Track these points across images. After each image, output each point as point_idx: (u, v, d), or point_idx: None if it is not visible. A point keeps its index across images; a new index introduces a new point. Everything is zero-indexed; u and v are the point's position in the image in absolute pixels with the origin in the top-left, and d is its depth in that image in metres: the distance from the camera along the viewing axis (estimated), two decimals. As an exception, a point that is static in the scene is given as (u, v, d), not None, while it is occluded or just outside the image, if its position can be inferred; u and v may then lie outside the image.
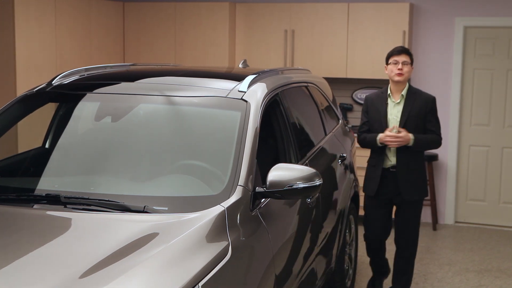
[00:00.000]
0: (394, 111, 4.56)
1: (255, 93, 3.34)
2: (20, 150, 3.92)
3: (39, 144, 3.89)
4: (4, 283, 2.18)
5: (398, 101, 4.55)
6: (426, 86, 6.87)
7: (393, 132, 4.42)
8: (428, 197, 6.97)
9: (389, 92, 4.58)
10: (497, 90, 6.79)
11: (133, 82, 3.63)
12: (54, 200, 2.79)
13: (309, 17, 6.86)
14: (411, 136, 4.44)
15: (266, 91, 3.44)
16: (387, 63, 4.57)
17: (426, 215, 7.04)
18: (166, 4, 7.17)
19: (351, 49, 6.78)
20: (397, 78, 4.49)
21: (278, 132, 3.64)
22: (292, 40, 6.93)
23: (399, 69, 4.48)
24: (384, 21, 6.65)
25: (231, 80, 3.55)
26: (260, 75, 3.59)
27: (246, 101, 3.25)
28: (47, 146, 3.83)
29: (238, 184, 2.85)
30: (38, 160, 3.58)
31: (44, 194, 2.84)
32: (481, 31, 6.76)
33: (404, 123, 4.49)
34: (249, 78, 3.42)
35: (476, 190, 6.98)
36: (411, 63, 4.53)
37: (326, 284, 4.34)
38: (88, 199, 2.77)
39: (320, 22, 6.83)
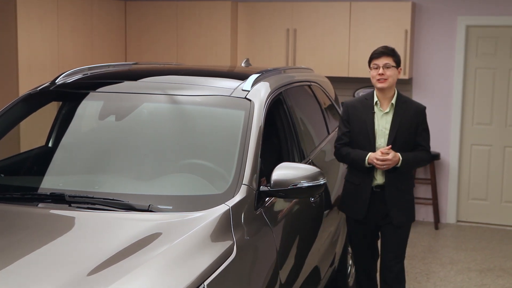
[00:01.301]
0: (382, 122, 3.91)
1: (259, 92, 3.34)
2: (23, 149, 3.92)
3: (42, 143, 3.89)
4: (11, 281, 2.18)
5: (387, 110, 3.91)
6: (428, 85, 6.87)
7: (390, 155, 3.80)
8: (430, 196, 6.97)
9: (376, 99, 3.93)
10: (499, 89, 6.78)
11: (136, 81, 3.63)
12: (58, 199, 2.80)
13: (311, 16, 6.86)
14: (399, 156, 3.82)
15: (269, 90, 3.44)
16: (370, 67, 3.93)
17: (428, 214, 7.05)
18: (168, 3, 7.16)
19: (353, 48, 6.77)
20: (379, 85, 3.85)
21: (282, 131, 3.64)
22: (294, 39, 6.92)
23: (380, 74, 3.83)
24: (386, 20, 6.64)
25: (234, 79, 3.54)
26: (264, 74, 3.59)
27: (250, 100, 3.25)
28: (50, 145, 3.83)
29: (243, 183, 2.85)
30: (42, 159, 3.58)
31: (48, 193, 2.85)
32: (483, 30, 6.75)
33: (395, 136, 3.87)
34: (253, 77, 3.42)
35: (478, 189, 6.98)
36: (396, 65, 3.87)
37: (329, 283, 4.34)
38: (92, 198, 2.77)
39: (322, 21, 6.83)
